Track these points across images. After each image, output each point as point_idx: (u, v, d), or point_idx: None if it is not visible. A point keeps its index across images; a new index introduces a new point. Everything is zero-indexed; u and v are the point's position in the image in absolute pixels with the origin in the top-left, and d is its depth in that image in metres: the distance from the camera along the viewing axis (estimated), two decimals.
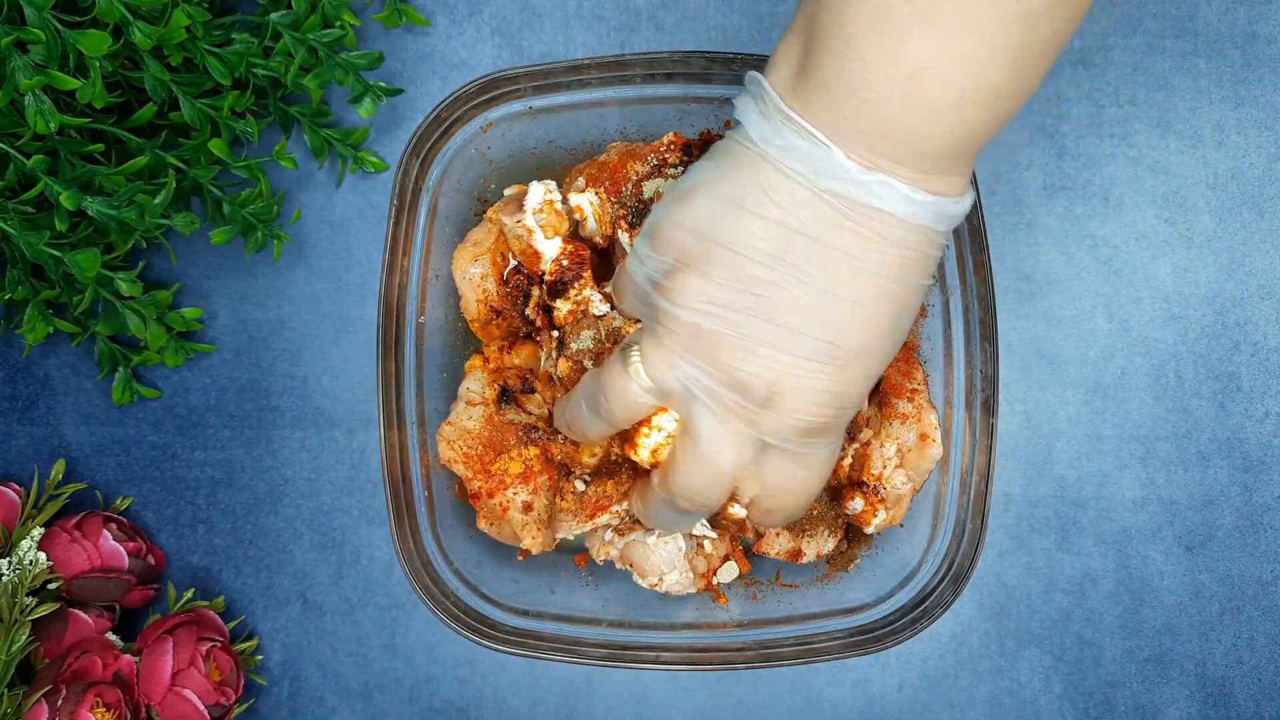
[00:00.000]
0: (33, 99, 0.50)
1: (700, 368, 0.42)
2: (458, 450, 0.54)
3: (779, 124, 0.39)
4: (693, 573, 0.55)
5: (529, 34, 0.63)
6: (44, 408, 0.64)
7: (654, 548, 0.55)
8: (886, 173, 0.38)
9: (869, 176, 0.38)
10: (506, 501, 0.53)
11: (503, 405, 0.54)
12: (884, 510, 0.54)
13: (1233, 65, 0.63)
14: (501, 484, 0.53)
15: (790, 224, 0.39)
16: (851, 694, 0.63)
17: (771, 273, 0.40)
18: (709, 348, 0.41)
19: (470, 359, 0.57)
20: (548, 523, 0.54)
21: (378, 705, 0.63)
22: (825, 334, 0.40)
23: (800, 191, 0.39)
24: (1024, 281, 0.63)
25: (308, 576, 0.64)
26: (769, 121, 0.40)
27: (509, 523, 0.54)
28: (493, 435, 0.54)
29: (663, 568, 0.55)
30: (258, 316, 0.64)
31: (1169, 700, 0.62)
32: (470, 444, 0.54)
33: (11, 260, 0.56)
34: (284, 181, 0.64)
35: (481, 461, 0.54)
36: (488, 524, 0.55)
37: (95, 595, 0.60)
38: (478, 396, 0.55)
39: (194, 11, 0.53)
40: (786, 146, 0.39)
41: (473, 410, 0.54)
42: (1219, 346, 0.63)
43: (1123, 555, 0.62)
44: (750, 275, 0.40)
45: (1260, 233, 0.63)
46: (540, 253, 0.53)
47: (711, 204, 0.41)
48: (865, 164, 0.38)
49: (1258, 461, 0.62)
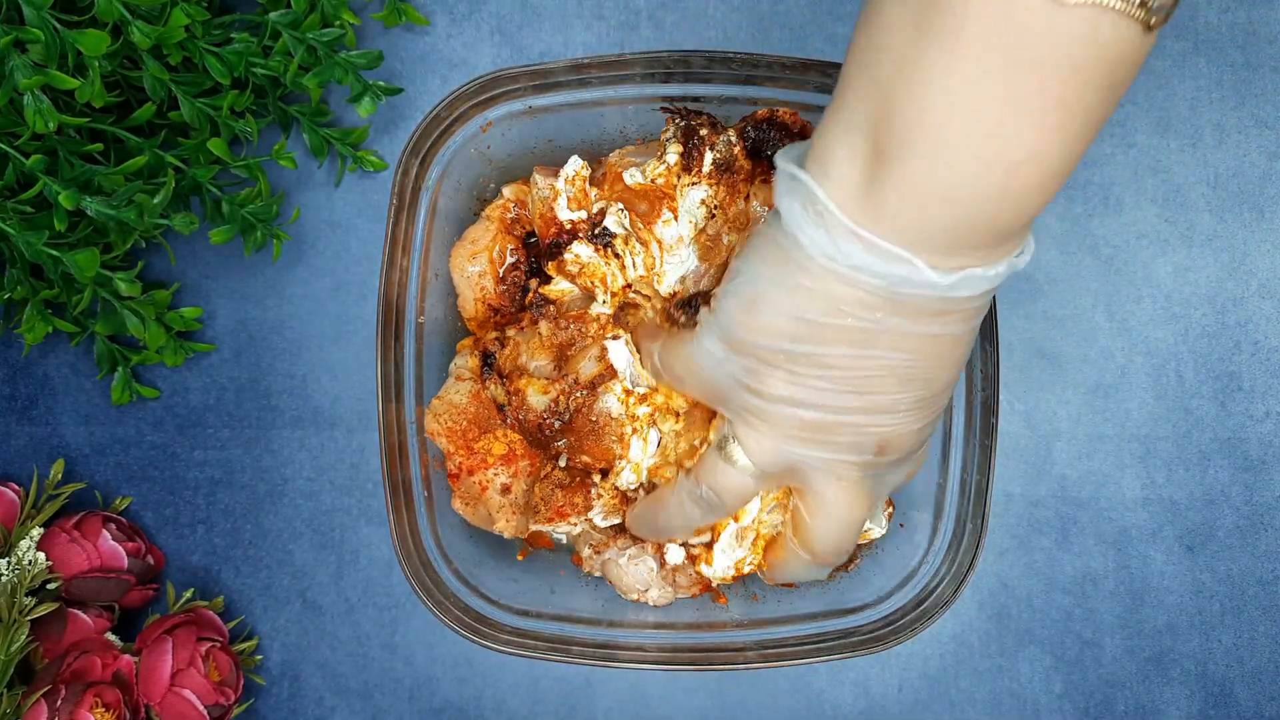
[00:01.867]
0: (32, 98, 0.50)
1: (810, 447, 0.43)
2: (443, 424, 0.54)
3: (844, 242, 0.38)
4: (672, 586, 0.55)
5: (529, 33, 0.63)
6: (43, 407, 0.64)
7: (625, 568, 0.55)
8: (967, 264, 0.38)
9: (953, 279, 0.38)
10: (486, 481, 0.53)
11: (485, 376, 0.54)
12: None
13: (1233, 65, 0.63)
14: (483, 463, 0.54)
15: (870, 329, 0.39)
16: (852, 694, 0.63)
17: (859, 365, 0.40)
18: (813, 430, 0.43)
19: (463, 339, 0.57)
20: (523, 509, 0.54)
21: (378, 705, 0.63)
22: (916, 395, 0.42)
23: (875, 300, 0.39)
24: (1024, 281, 0.63)
25: (307, 576, 0.64)
26: (830, 237, 0.38)
27: (485, 504, 0.54)
28: (479, 412, 0.54)
29: (638, 586, 0.55)
30: (257, 316, 0.64)
31: (1169, 700, 0.62)
32: (456, 419, 0.54)
33: (11, 260, 0.56)
34: (283, 181, 0.64)
35: (465, 438, 0.54)
36: (463, 504, 0.55)
37: (95, 595, 0.60)
38: (466, 372, 0.55)
39: (193, 11, 0.53)
40: (857, 265, 0.38)
41: (461, 385, 0.54)
42: (1219, 346, 0.63)
43: (1123, 555, 0.62)
44: (838, 375, 0.41)
45: (1261, 232, 0.63)
46: (558, 220, 0.53)
47: (782, 320, 0.41)
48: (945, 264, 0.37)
49: (1258, 461, 0.62)
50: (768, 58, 0.53)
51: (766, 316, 0.41)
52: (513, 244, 0.56)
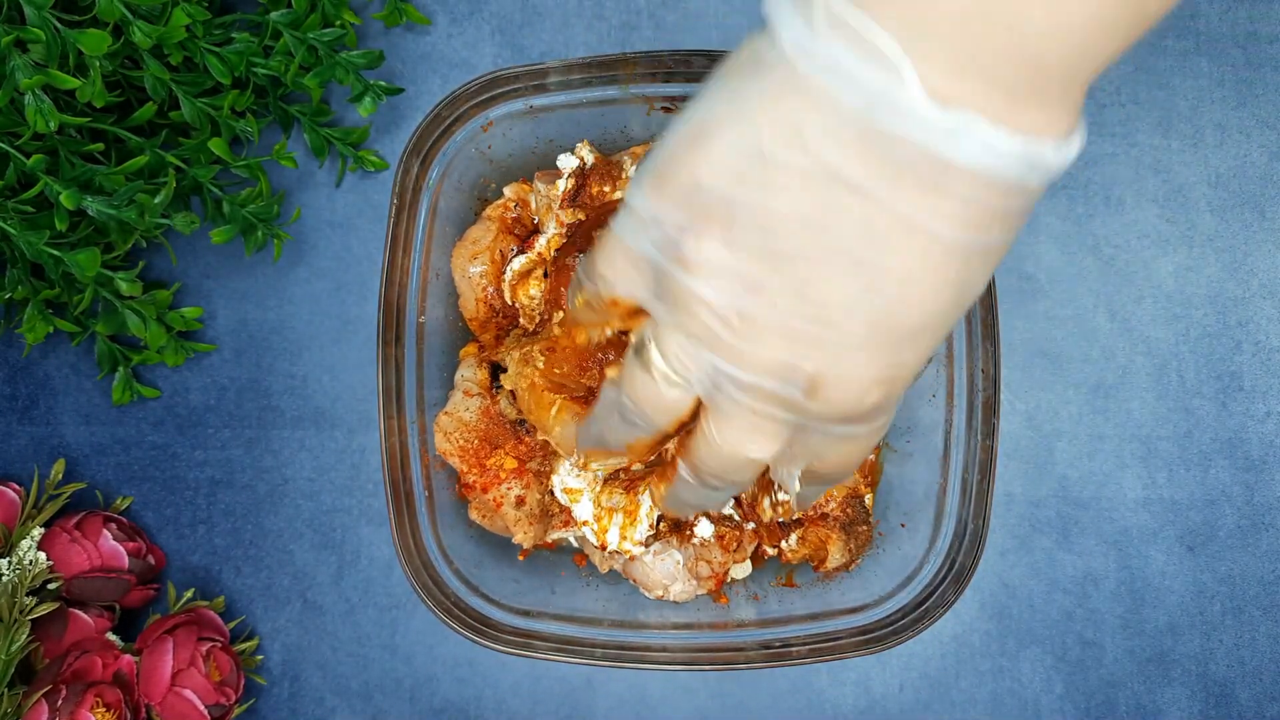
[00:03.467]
0: (32, 98, 0.50)
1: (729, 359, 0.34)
2: (454, 443, 0.54)
3: (824, 29, 0.29)
4: (696, 579, 0.55)
5: (529, 33, 0.63)
6: (44, 407, 0.64)
7: (652, 565, 0.55)
8: (968, 107, 0.28)
9: (945, 116, 0.28)
10: (500, 497, 0.53)
11: (494, 391, 0.54)
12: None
13: (1234, 64, 0.62)
14: (496, 479, 0.54)
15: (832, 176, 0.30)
16: (853, 694, 0.63)
17: (808, 242, 0.31)
18: (737, 335, 0.33)
19: (466, 346, 0.57)
20: (539, 517, 0.54)
21: (378, 705, 0.63)
22: (875, 316, 0.32)
23: (847, 133, 0.29)
24: (1025, 281, 0.63)
25: (308, 576, 0.64)
26: (810, 25, 0.29)
27: (501, 517, 0.54)
28: (489, 428, 0.54)
29: (664, 580, 0.55)
30: (258, 316, 0.64)
31: (1170, 700, 0.62)
32: (466, 436, 0.54)
33: (11, 260, 0.56)
34: (284, 181, 0.64)
35: (477, 456, 0.54)
36: (480, 515, 0.55)
37: (95, 595, 0.60)
38: (474, 387, 0.55)
39: (194, 11, 0.53)
40: (833, 66, 0.29)
41: (470, 401, 0.54)
42: (1220, 346, 0.63)
43: (1124, 555, 0.62)
44: (782, 247, 0.31)
45: (1262, 232, 0.63)
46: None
47: (731, 151, 0.31)
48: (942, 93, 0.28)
49: (1259, 461, 0.62)
50: None
51: (714, 147, 0.32)
52: (514, 244, 0.56)
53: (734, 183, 0.31)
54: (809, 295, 0.32)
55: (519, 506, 0.53)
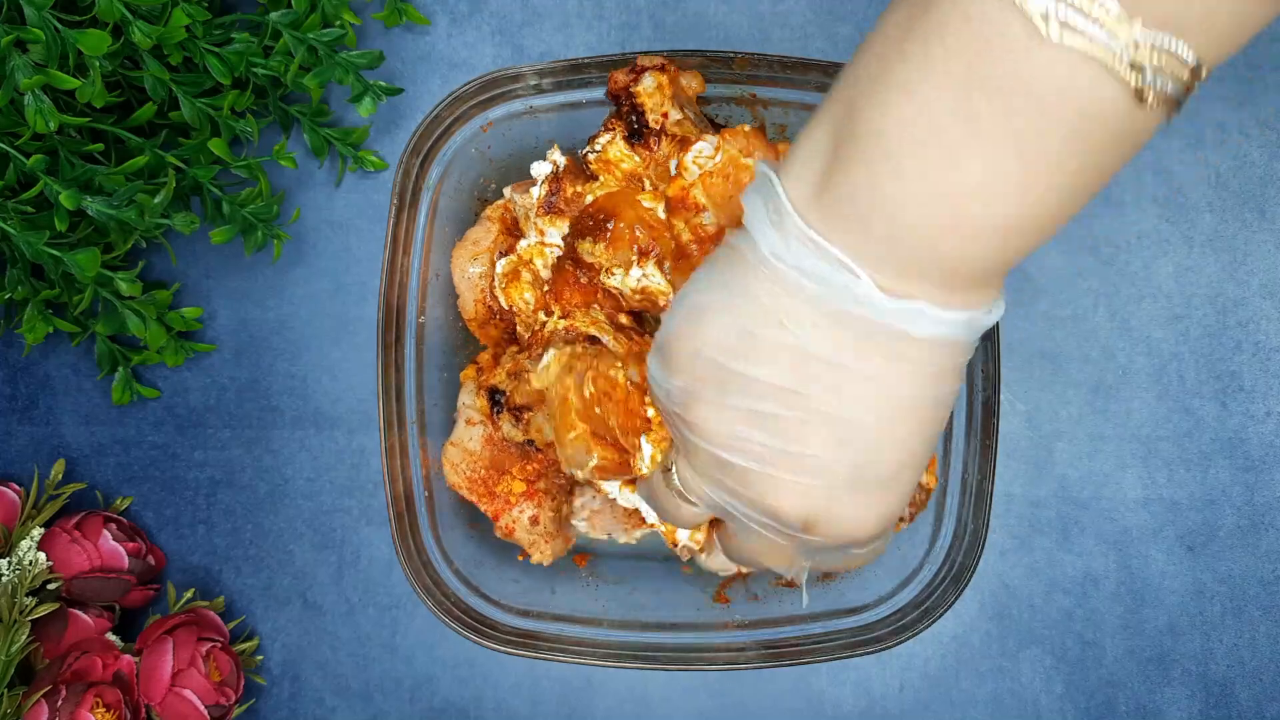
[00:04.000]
0: (32, 98, 0.50)
1: (732, 497, 0.40)
2: (462, 475, 0.54)
3: (794, 242, 0.35)
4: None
5: (529, 33, 0.63)
6: (44, 408, 0.64)
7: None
8: (916, 297, 0.35)
9: (898, 304, 0.34)
10: (512, 522, 0.54)
11: (495, 416, 0.53)
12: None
13: (1234, 64, 0.62)
14: (506, 504, 0.54)
15: (807, 351, 0.36)
16: (853, 694, 0.63)
17: (790, 406, 0.37)
18: (736, 480, 0.39)
19: (465, 368, 0.57)
20: (555, 533, 0.55)
21: (378, 705, 0.63)
22: (857, 460, 0.37)
23: (817, 316, 0.35)
24: (1025, 281, 0.63)
25: (308, 576, 0.64)
26: (783, 236, 0.36)
27: (517, 539, 0.54)
28: (494, 455, 0.54)
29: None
30: (258, 316, 0.64)
31: (1170, 700, 0.62)
32: (473, 466, 0.54)
33: (11, 260, 0.56)
34: (284, 181, 0.64)
35: (486, 485, 0.54)
36: (503, 534, 0.56)
37: (95, 595, 0.60)
38: (475, 415, 0.54)
39: (194, 11, 0.53)
40: (803, 269, 0.35)
41: (473, 430, 0.54)
42: (1220, 346, 0.63)
43: (1124, 555, 0.62)
44: (768, 410, 0.37)
45: (1262, 232, 0.63)
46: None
47: (721, 330, 0.37)
48: (894, 289, 0.34)
49: (1259, 461, 0.62)
50: (768, 58, 0.53)
51: (709, 326, 0.38)
52: (514, 245, 0.56)
53: (727, 356, 0.37)
54: (796, 446, 0.37)
55: (534, 526, 0.54)
